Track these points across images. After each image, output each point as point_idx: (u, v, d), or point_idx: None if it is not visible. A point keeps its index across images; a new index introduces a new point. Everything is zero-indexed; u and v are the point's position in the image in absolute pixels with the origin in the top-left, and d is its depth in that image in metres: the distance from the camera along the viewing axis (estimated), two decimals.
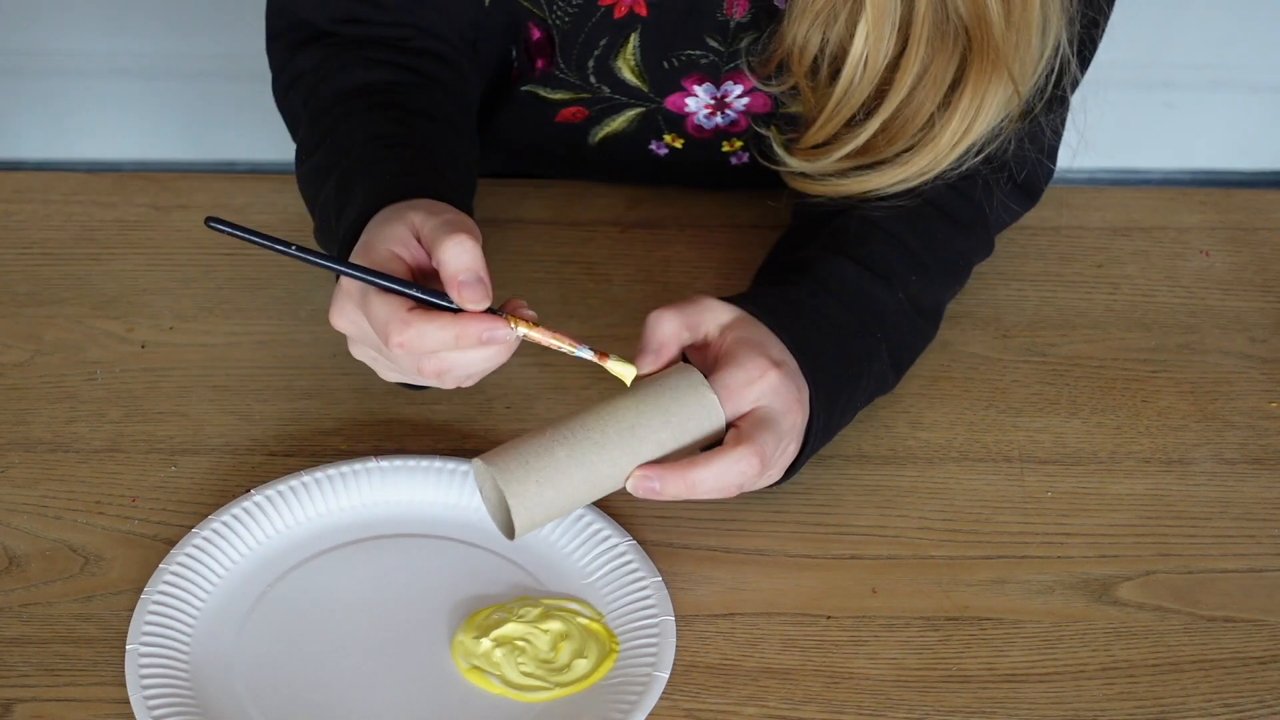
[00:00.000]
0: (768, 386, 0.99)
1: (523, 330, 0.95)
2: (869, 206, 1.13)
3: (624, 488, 0.98)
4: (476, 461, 0.97)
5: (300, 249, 0.93)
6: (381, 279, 0.94)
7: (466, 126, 1.18)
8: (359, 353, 1.00)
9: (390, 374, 1.00)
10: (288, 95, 1.21)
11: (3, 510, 1.06)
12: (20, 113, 2.50)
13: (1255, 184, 2.63)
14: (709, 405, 0.98)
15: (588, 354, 0.97)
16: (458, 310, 0.94)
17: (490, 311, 0.95)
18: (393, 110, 1.13)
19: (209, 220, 0.92)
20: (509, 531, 0.97)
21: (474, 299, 0.93)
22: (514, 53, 1.25)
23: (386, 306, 0.94)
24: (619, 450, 0.96)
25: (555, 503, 0.96)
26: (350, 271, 0.94)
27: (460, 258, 0.93)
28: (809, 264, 1.11)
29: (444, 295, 0.94)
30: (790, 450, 1.01)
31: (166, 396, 1.14)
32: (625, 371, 0.99)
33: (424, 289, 0.94)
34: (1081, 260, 1.28)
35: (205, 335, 1.18)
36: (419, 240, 0.97)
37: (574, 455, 0.96)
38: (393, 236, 0.97)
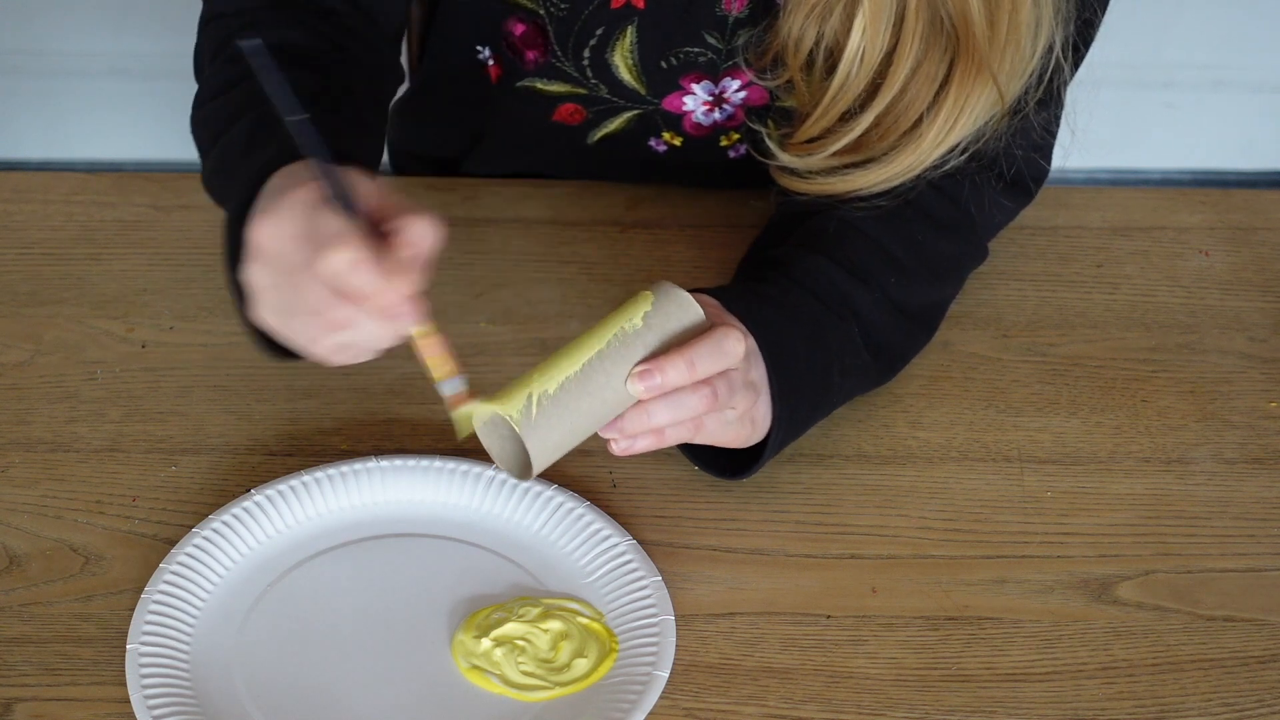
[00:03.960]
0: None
1: (418, 330, 0.91)
2: (848, 208, 1.13)
3: (622, 410, 0.97)
4: (478, 406, 0.95)
5: (308, 124, 0.86)
6: (354, 210, 0.88)
7: (375, 115, 1.14)
8: (259, 274, 0.91)
9: (268, 313, 0.92)
10: (204, 30, 1.16)
11: (3, 510, 1.06)
12: (20, 113, 2.51)
13: (1255, 184, 2.63)
14: (684, 302, 0.98)
15: (450, 389, 0.94)
16: None
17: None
18: (313, 74, 1.08)
19: (238, 42, 0.84)
20: (524, 470, 0.96)
21: (413, 277, 0.87)
22: (486, 52, 1.25)
23: (345, 223, 0.87)
24: (610, 361, 0.95)
25: (563, 428, 0.95)
26: (332, 167, 0.88)
27: (427, 235, 0.88)
28: (784, 261, 1.11)
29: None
30: (763, 406, 1.01)
31: (166, 396, 1.14)
32: (466, 421, 0.95)
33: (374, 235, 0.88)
34: (1081, 260, 1.28)
35: (205, 335, 1.18)
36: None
37: (570, 377, 0.95)
38: (368, 183, 0.91)
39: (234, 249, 0.96)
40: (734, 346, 0.97)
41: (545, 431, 0.94)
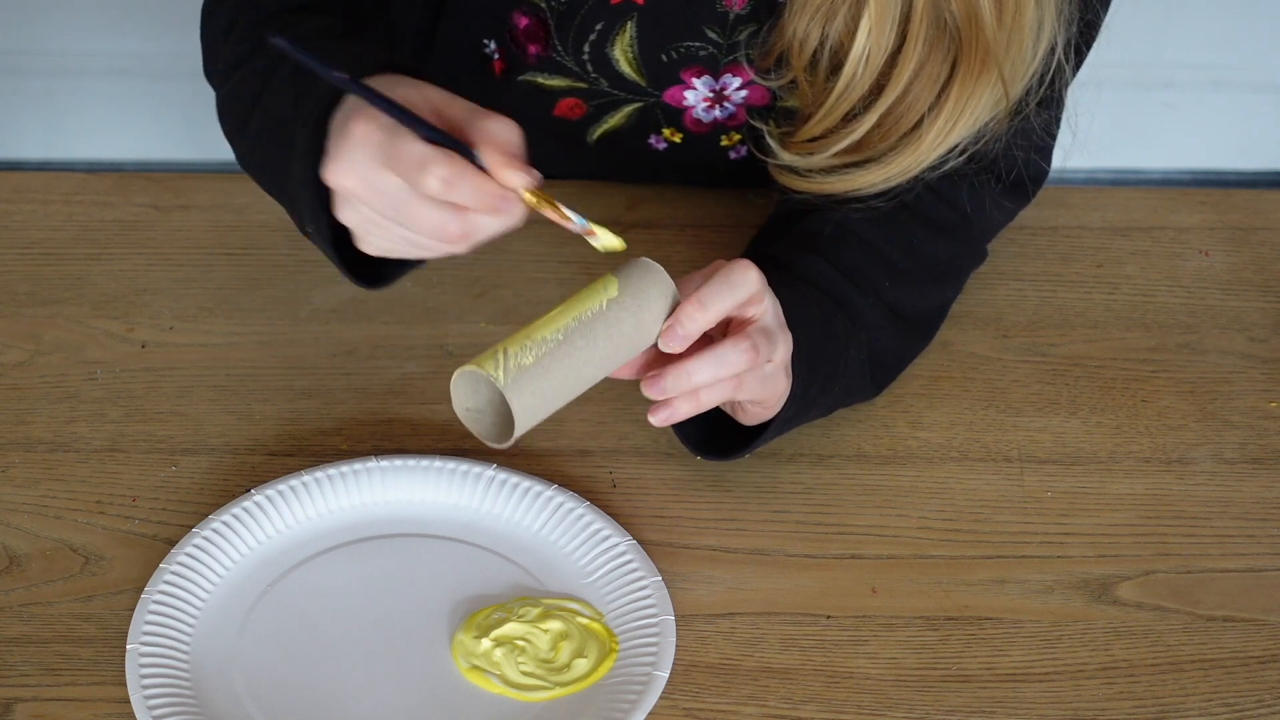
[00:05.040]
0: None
1: (529, 200, 0.93)
2: (845, 210, 1.13)
3: (598, 379, 0.97)
4: (459, 372, 0.94)
5: (358, 81, 0.90)
6: (430, 128, 0.90)
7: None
8: (351, 213, 0.94)
9: (383, 243, 0.94)
10: (213, 13, 1.17)
11: (3, 510, 1.06)
12: (20, 113, 2.50)
13: (1255, 184, 2.62)
14: (645, 266, 0.98)
15: (578, 226, 0.95)
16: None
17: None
18: (330, 17, 1.10)
19: (270, 36, 0.89)
20: (504, 433, 0.95)
21: (520, 175, 0.91)
22: (491, 45, 1.25)
23: (426, 145, 0.90)
24: (590, 327, 0.95)
25: (545, 389, 0.94)
26: (399, 109, 0.90)
27: (512, 132, 0.91)
28: (784, 261, 1.11)
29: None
30: (786, 344, 1.00)
31: (166, 396, 1.14)
32: (614, 245, 0.96)
33: (463, 147, 0.91)
34: (1081, 260, 1.28)
35: (205, 335, 1.18)
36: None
37: (547, 338, 0.95)
38: (429, 93, 0.93)
39: (315, 195, 0.96)
40: (743, 274, 0.96)
41: (528, 395, 0.94)
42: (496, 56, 1.26)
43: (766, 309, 0.98)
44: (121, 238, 1.26)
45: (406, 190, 0.90)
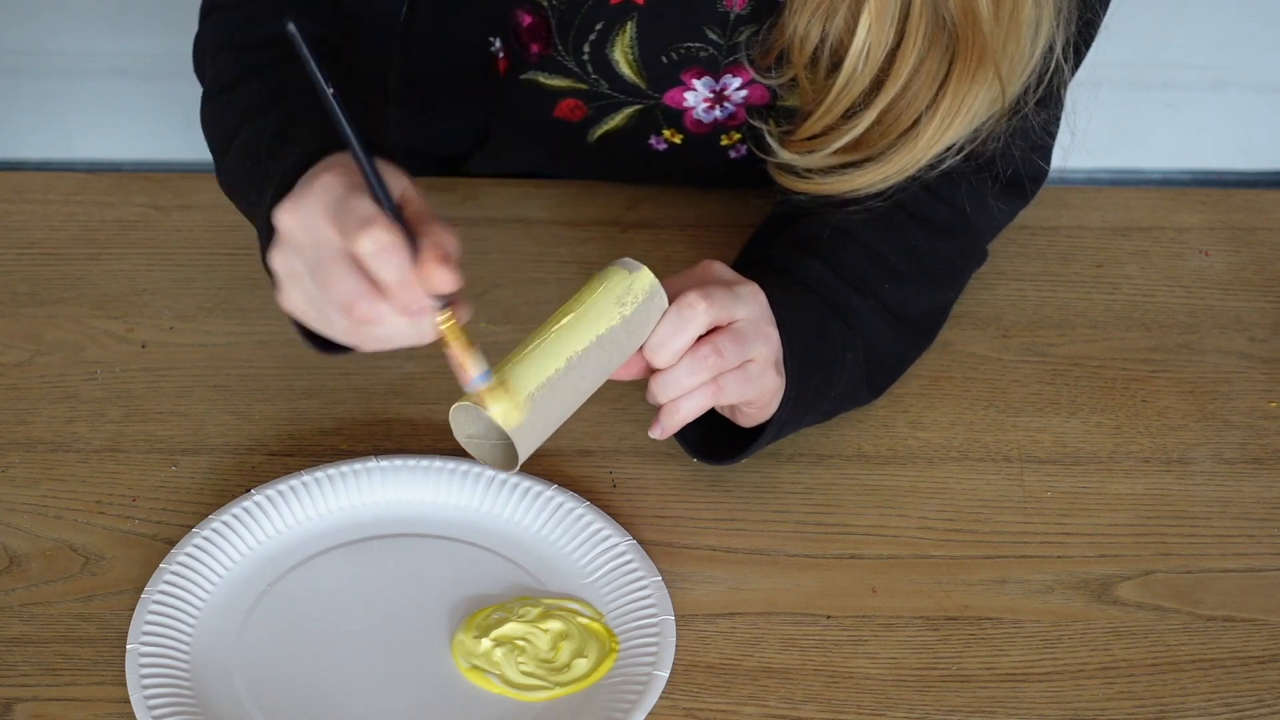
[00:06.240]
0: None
1: (441, 325, 0.91)
2: (843, 213, 1.13)
3: (588, 396, 0.97)
4: (457, 406, 0.95)
5: (340, 98, 0.87)
6: (392, 205, 0.89)
7: (383, 104, 1.14)
8: (286, 261, 0.92)
9: (298, 300, 0.92)
10: (204, 22, 1.17)
11: (3, 510, 1.06)
12: (20, 113, 2.51)
13: (1255, 184, 2.62)
14: (629, 265, 0.98)
15: (473, 388, 0.93)
16: None
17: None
18: (332, 63, 1.09)
19: (290, 24, 0.86)
20: (507, 457, 0.96)
21: (448, 278, 0.88)
22: (497, 43, 1.25)
23: (379, 211, 0.88)
24: (587, 359, 0.96)
25: (545, 413, 0.95)
26: (368, 162, 0.88)
27: (455, 242, 0.90)
28: (782, 264, 1.11)
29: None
30: (773, 341, 1.01)
31: (166, 396, 1.14)
32: (504, 421, 0.94)
33: (409, 236, 0.89)
34: (1081, 260, 1.28)
35: (205, 335, 1.18)
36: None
37: (553, 376, 0.95)
38: (403, 180, 0.92)
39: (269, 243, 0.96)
40: (690, 307, 0.97)
41: (528, 425, 0.94)
42: (501, 55, 1.26)
43: (741, 315, 0.99)
44: (121, 238, 1.26)
45: (336, 246, 0.89)
